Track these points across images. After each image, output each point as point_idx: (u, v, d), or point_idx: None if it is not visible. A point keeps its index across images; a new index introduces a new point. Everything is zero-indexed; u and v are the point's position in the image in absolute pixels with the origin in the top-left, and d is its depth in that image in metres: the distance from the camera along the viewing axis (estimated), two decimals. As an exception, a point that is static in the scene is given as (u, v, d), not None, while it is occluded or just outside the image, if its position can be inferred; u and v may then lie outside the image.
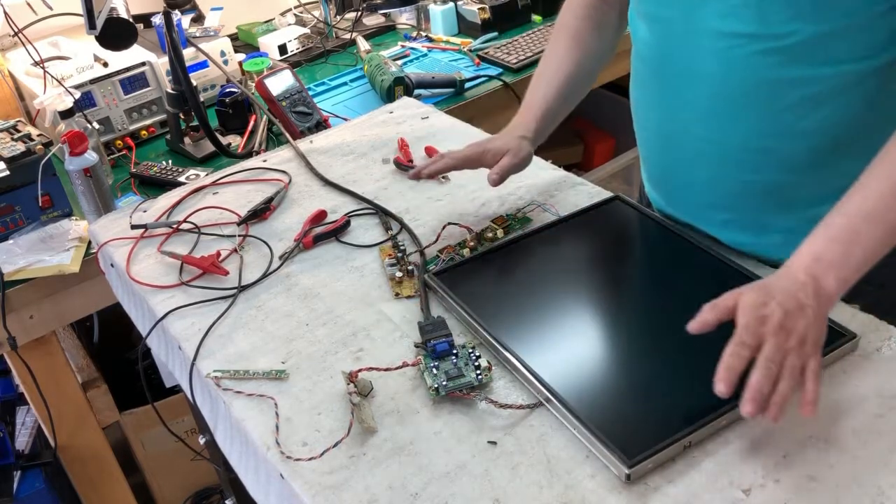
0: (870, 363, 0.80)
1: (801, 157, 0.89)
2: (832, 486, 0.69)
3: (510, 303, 0.92)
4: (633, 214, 1.07)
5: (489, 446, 0.76)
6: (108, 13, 1.43)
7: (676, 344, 0.85)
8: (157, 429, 1.74)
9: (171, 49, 1.46)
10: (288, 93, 1.59)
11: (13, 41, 1.76)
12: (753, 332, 0.72)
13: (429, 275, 0.98)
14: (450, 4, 2.06)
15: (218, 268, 1.04)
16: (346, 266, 1.04)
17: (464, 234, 1.07)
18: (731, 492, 0.70)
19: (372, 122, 1.40)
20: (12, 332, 1.33)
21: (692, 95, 0.92)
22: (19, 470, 1.58)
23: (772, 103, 0.87)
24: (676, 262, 0.98)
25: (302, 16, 2.15)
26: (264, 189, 1.23)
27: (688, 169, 0.98)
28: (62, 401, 1.47)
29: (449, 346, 0.86)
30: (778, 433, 0.74)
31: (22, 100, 1.74)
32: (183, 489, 1.91)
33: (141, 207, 1.22)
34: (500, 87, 1.80)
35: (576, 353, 0.85)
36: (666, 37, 0.93)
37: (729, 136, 0.91)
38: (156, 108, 1.70)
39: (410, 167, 1.22)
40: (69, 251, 1.35)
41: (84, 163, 1.30)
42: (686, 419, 0.74)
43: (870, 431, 0.73)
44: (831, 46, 0.82)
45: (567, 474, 0.73)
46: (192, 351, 0.92)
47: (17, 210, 1.38)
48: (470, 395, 0.81)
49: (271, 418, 0.82)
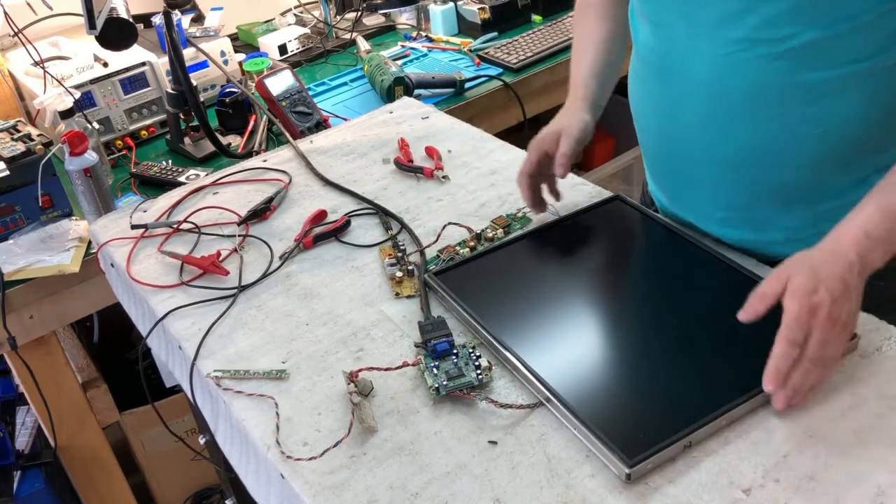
0: (870, 363, 0.80)
1: (805, 158, 0.89)
2: (832, 486, 0.69)
3: (510, 303, 0.92)
4: (633, 214, 1.07)
5: (489, 446, 0.76)
6: (108, 13, 1.43)
7: (676, 344, 0.85)
8: (157, 429, 1.74)
9: (171, 49, 1.46)
10: (288, 93, 1.59)
11: (13, 41, 1.76)
12: (804, 324, 0.73)
13: (429, 275, 0.98)
14: (450, 4, 2.06)
15: (218, 268, 1.04)
16: (347, 266, 1.04)
17: (464, 234, 1.07)
18: (731, 492, 0.70)
19: (372, 122, 1.40)
20: (12, 332, 1.34)
21: (692, 98, 0.91)
22: (19, 470, 1.58)
23: (773, 106, 0.87)
24: (676, 262, 0.98)
25: (302, 16, 2.15)
26: (264, 189, 1.23)
27: (689, 169, 0.98)
28: (62, 401, 1.47)
29: (449, 345, 0.86)
30: (778, 433, 0.74)
31: (22, 100, 1.74)
32: (183, 489, 1.91)
33: (141, 207, 1.22)
34: (500, 87, 1.80)
35: (576, 353, 0.85)
36: (666, 40, 0.93)
37: (730, 139, 0.91)
38: (156, 108, 1.70)
39: (410, 167, 1.22)
40: (69, 251, 1.35)
41: (84, 163, 1.30)
42: (686, 419, 0.74)
43: (870, 431, 0.73)
44: (833, 48, 0.82)
45: (567, 474, 0.73)
46: (193, 351, 0.92)
47: (17, 210, 1.38)
48: (470, 395, 0.81)
49: (271, 418, 0.82)
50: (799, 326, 0.73)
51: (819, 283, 0.74)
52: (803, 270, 0.75)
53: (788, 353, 0.73)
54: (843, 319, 0.73)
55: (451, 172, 1.21)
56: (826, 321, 0.73)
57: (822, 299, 0.73)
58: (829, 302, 0.73)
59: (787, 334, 0.73)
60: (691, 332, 0.87)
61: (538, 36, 1.96)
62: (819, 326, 0.73)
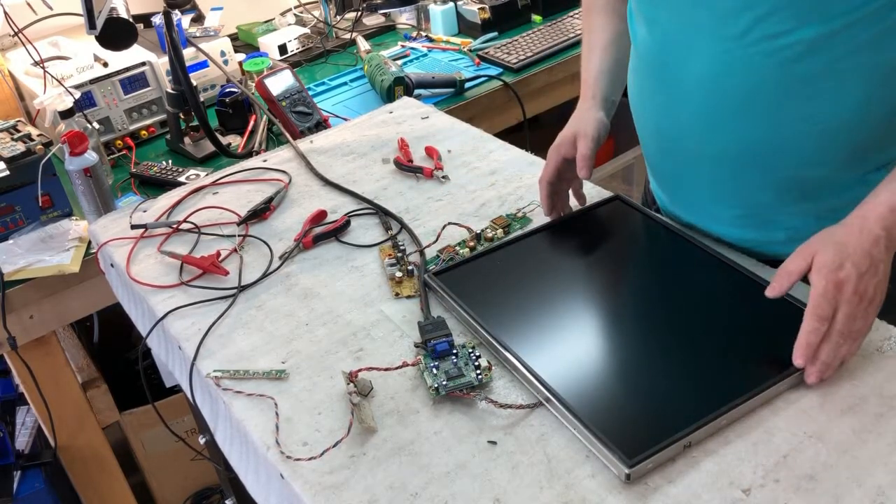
0: (870, 363, 0.80)
1: (804, 156, 0.89)
2: (832, 486, 0.69)
3: (510, 303, 0.92)
4: (633, 214, 1.07)
5: (489, 446, 0.76)
6: (108, 13, 1.43)
7: (676, 344, 0.85)
8: (157, 429, 1.74)
9: (171, 49, 1.46)
10: (288, 93, 1.59)
11: (13, 41, 1.76)
12: (831, 299, 0.74)
13: (429, 275, 0.98)
14: (450, 4, 2.06)
15: (218, 268, 1.04)
16: (346, 266, 1.04)
17: (464, 234, 1.07)
18: (731, 492, 0.70)
19: (372, 122, 1.40)
20: (12, 332, 1.34)
21: (690, 97, 0.91)
22: (19, 470, 1.58)
23: (771, 104, 0.86)
24: (676, 262, 0.98)
25: (302, 16, 2.15)
26: (264, 189, 1.23)
27: (689, 167, 0.98)
28: (62, 401, 1.47)
29: (449, 345, 0.86)
30: (778, 433, 0.74)
31: (22, 100, 1.74)
32: (183, 489, 1.91)
33: (141, 207, 1.22)
34: (500, 87, 1.80)
35: (576, 353, 0.85)
36: (663, 38, 0.93)
37: (729, 137, 0.91)
38: (156, 108, 1.70)
39: (410, 167, 1.22)
40: (69, 251, 1.35)
41: (84, 163, 1.30)
42: (686, 419, 0.74)
43: (870, 431, 0.73)
44: (830, 45, 0.82)
45: (567, 474, 0.73)
46: (192, 351, 0.92)
47: (17, 210, 1.38)
48: (470, 395, 0.81)
49: (271, 418, 0.82)
50: (826, 302, 0.74)
51: (845, 259, 0.74)
52: (829, 246, 0.76)
53: (818, 328, 0.74)
54: (869, 294, 0.74)
55: (451, 172, 1.21)
56: (853, 296, 0.74)
57: (848, 274, 0.74)
58: (855, 277, 0.74)
59: (815, 310, 0.74)
60: (691, 332, 0.87)
61: (538, 36, 1.96)
62: (846, 301, 0.74)
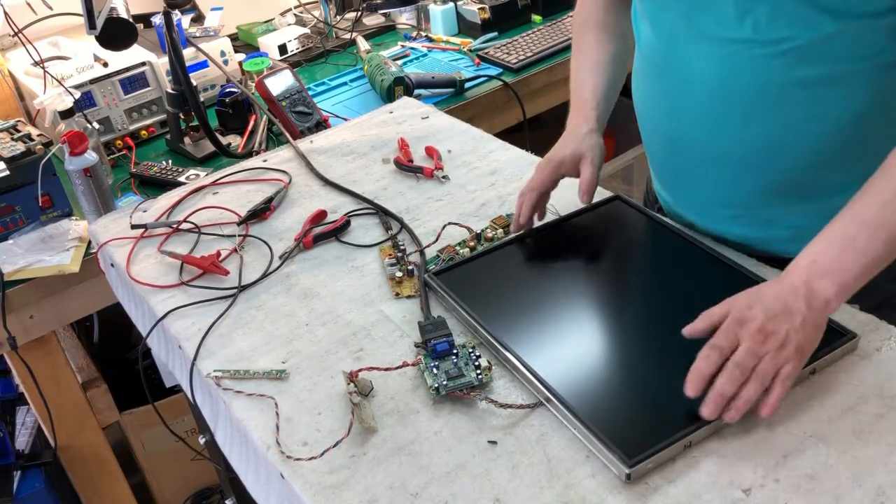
0: (870, 363, 0.80)
1: (807, 156, 0.89)
2: (832, 486, 0.69)
3: (510, 303, 0.92)
4: (633, 214, 1.07)
5: (489, 446, 0.76)
6: (108, 13, 1.43)
7: (676, 344, 0.85)
8: (157, 429, 1.74)
9: (171, 49, 1.46)
10: (288, 93, 1.59)
11: (13, 41, 1.76)
12: (728, 334, 0.75)
13: (429, 275, 0.98)
14: (450, 4, 2.06)
15: (218, 268, 1.04)
16: (346, 266, 1.04)
17: (464, 234, 1.07)
18: (731, 492, 0.70)
19: (372, 122, 1.40)
20: (12, 332, 1.33)
21: (693, 97, 0.92)
22: (19, 470, 1.58)
23: (774, 105, 0.87)
24: (676, 262, 0.98)
25: (302, 16, 2.15)
26: (264, 189, 1.23)
27: (691, 168, 0.98)
28: (62, 401, 1.47)
29: (449, 345, 0.86)
30: (778, 433, 0.74)
31: (22, 100, 1.74)
32: (183, 489, 1.91)
33: (141, 207, 1.22)
34: (500, 87, 1.80)
35: (576, 352, 0.85)
36: (667, 39, 0.93)
37: (731, 138, 0.91)
38: (156, 108, 1.70)
39: (410, 167, 1.22)
40: (69, 251, 1.35)
41: (84, 163, 1.30)
42: (686, 419, 0.74)
43: (870, 431, 0.73)
44: (831, 48, 0.82)
45: (567, 474, 0.73)
46: (193, 351, 0.92)
47: (17, 210, 1.38)
48: (470, 395, 0.81)
49: (271, 418, 0.82)
50: (724, 334, 0.75)
51: (756, 302, 0.76)
52: (748, 292, 0.78)
53: (708, 354, 0.74)
54: (780, 337, 0.73)
55: (451, 172, 1.21)
56: (757, 333, 0.73)
57: (754, 314, 0.75)
58: (762, 317, 0.74)
59: (712, 340, 0.75)
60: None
61: (538, 36, 1.96)
62: (748, 337, 0.74)
